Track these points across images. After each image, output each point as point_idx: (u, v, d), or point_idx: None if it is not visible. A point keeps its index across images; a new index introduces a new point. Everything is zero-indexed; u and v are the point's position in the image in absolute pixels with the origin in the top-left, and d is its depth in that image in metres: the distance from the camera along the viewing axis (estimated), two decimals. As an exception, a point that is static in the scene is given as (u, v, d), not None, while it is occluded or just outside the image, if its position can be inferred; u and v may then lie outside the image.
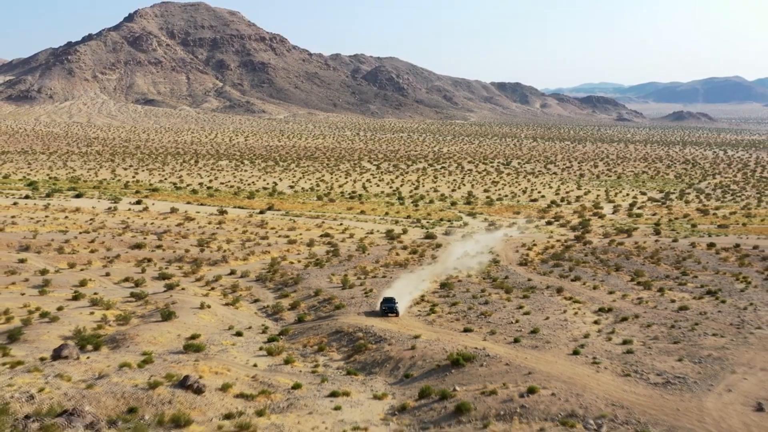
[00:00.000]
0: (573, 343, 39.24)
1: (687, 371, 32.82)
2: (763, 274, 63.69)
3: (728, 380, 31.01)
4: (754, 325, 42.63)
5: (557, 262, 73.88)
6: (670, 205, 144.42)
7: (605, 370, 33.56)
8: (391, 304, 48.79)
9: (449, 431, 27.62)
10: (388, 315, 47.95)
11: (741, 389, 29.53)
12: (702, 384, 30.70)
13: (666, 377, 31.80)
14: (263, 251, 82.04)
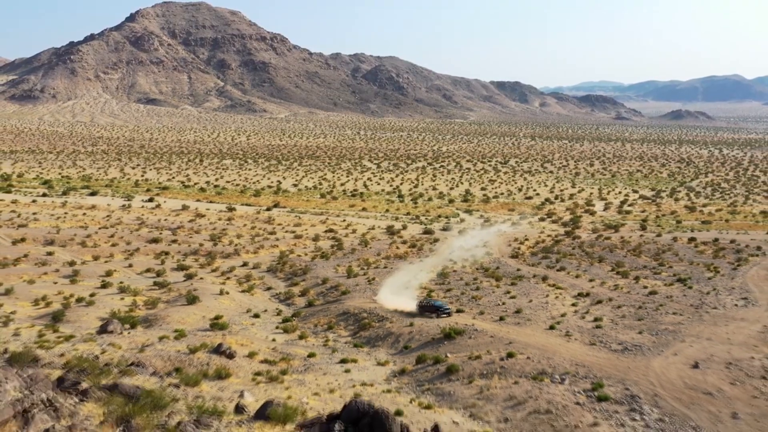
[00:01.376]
0: (551, 320, 45.00)
1: (644, 341, 38.57)
2: (733, 265, 69.42)
3: (677, 347, 36.75)
4: (711, 305, 48.37)
5: (546, 254, 79.57)
6: (659, 202, 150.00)
7: (575, 340, 39.32)
8: (443, 305, 48.69)
9: (441, 387, 33.38)
10: (441, 316, 47.03)
11: (685, 353, 35.27)
12: (654, 350, 36.45)
13: (625, 345, 37.55)
14: (272, 245, 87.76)
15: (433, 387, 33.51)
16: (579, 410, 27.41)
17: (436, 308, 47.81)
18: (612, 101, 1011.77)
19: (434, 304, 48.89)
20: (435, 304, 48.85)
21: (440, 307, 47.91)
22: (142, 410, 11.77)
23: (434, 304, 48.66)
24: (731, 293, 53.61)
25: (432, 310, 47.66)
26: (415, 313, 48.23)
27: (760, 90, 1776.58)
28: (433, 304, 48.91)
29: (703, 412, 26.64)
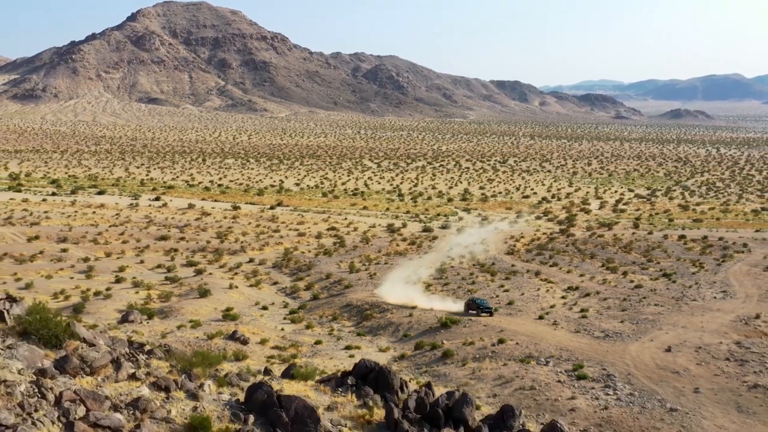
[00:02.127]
0: (540, 311, 48.31)
1: (625, 329, 41.88)
2: (718, 261, 72.71)
3: (654, 334, 40.03)
4: (691, 298, 51.66)
5: (540, 251, 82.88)
6: (654, 201, 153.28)
7: (561, 329, 42.63)
8: (487, 305, 49.02)
9: (437, 369, 36.69)
10: (481, 315, 47.39)
11: (660, 339, 38.54)
12: (633, 337, 39.74)
13: (607, 333, 40.86)
14: (276, 242, 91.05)
15: (430, 369, 36.80)
16: (560, 387, 30.68)
17: (477, 306, 48.57)
18: (612, 100, 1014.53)
19: (476, 301, 49.50)
20: (477, 301, 49.49)
21: (480, 305, 48.44)
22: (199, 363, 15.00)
23: (476, 302, 49.27)
24: (712, 287, 56.88)
25: (474, 308, 48.44)
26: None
27: (759, 89, 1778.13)
28: (476, 301, 49.53)
29: (669, 387, 29.86)
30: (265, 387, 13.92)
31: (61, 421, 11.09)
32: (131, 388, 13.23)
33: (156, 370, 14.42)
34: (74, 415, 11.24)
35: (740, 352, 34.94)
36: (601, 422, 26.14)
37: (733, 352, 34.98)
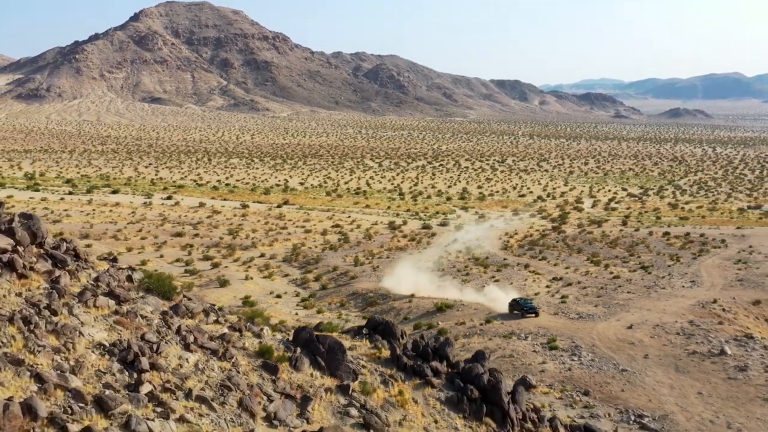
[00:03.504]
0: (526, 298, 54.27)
1: (597, 312, 47.95)
2: (695, 255, 78.71)
3: (621, 315, 46.08)
4: (661, 286, 57.72)
5: (531, 246, 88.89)
6: (645, 200, 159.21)
7: (542, 312, 48.66)
8: (531, 304, 48.64)
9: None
10: (526, 316, 46.99)
11: (626, 319, 44.59)
12: (602, 317, 45.80)
13: (581, 314, 46.92)
14: (285, 239, 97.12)
15: (426, 345, 42.82)
16: (534, 355, 36.72)
17: (521, 306, 47.98)
18: (611, 99, 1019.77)
19: (519, 302, 48.93)
20: (520, 302, 48.92)
21: (524, 306, 47.91)
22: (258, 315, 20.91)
23: (519, 302, 48.79)
24: (683, 277, 62.89)
25: (518, 308, 47.97)
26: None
27: (759, 88, 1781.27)
28: (519, 302, 48.94)
29: (624, 355, 35.84)
30: (307, 329, 19.97)
31: (181, 343, 17.19)
32: (217, 328, 19.32)
33: (230, 319, 20.53)
34: (188, 340, 17.35)
35: (690, 329, 40.90)
36: (564, 379, 32.15)
37: (684, 329, 40.94)
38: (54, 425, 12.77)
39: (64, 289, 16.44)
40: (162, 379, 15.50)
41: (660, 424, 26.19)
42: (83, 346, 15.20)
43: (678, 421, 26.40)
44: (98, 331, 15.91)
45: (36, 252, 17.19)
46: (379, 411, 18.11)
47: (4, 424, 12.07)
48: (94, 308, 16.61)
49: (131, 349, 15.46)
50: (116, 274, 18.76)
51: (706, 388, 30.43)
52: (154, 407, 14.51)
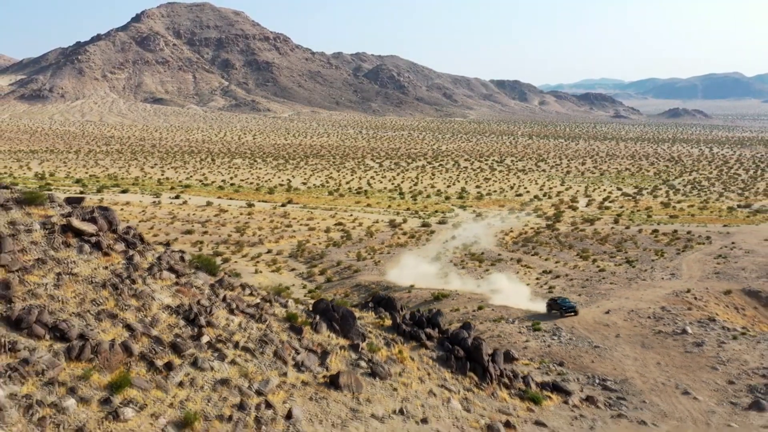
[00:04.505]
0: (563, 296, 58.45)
1: (580, 300, 52.43)
2: (679, 251, 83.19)
3: (600, 303, 50.58)
4: (642, 278, 62.22)
5: (525, 243, 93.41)
6: (639, 199, 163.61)
7: (530, 300, 53.18)
8: (570, 303, 48.09)
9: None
10: (565, 315, 46.40)
11: (604, 306, 49.08)
12: (584, 305, 50.27)
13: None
14: (290, 236, 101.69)
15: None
16: (519, 335, 41.25)
17: (559, 306, 47.56)
18: (611, 99, 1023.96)
19: (558, 301, 48.52)
20: (558, 301, 48.51)
21: (562, 305, 47.44)
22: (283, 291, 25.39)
23: (557, 302, 48.34)
24: (664, 270, 67.38)
25: (557, 308, 47.57)
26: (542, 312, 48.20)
27: (759, 88, 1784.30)
28: (557, 301, 48.55)
29: (598, 334, 40.33)
30: (324, 300, 24.57)
31: (226, 308, 21.76)
32: (252, 299, 23.89)
33: (261, 293, 25.12)
34: (232, 306, 21.93)
35: (660, 313, 45.33)
36: (543, 354, 36.67)
37: (656, 313, 45.38)
38: (144, 360, 17.37)
39: (137, 265, 21.05)
40: (215, 333, 20.11)
41: (620, 386, 30.57)
42: (156, 307, 19.81)
43: (635, 383, 30.80)
44: (165, 297, 20.53)
45: (112, 236, 21.77)
46: (383, 364, 22.69)
47: (110, 357, 16.69)
48: (160, 280, 21.23)
49: (192, 310, 20.07)
50: (172, 254, 23.33)
51: (664, 360, 34.85)
52: (212, 353, 19.11)
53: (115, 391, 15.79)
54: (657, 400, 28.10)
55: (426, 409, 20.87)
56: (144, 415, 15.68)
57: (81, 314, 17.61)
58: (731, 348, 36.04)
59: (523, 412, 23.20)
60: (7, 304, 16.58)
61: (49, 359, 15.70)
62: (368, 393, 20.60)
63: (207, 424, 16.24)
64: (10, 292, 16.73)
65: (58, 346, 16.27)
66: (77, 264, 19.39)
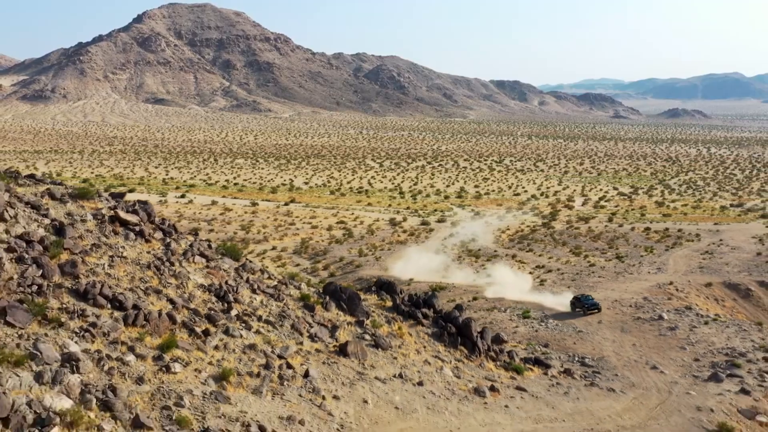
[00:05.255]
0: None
1: (568, 291, 55.87)
2: (668, 247, 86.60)
3: (588, 294, 53.96)
4: (629, 272, 65.66)
5: (521, 240, 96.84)
6: (634, 198, 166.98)
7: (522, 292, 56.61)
8: (592, 300, 48.11)
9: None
10: (588, 313, 46.71)
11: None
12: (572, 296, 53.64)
13: (554, 293, 54.87)
14: (294, 234, 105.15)
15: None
16: (510, 322, 44.70)
17: (582, 303, 47.89)
18: (610, 100, 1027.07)
19: (581, 299, 48.69)
20: (581, 299, 48.68)
21: (585, 303, 47.61)
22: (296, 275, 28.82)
23: (581, 299, 48.56)
24: (651, 265, 70.79)
25: (580, 306, 47.92)
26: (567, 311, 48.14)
27: (759, 88, 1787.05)
28: (580, 299, 48.74)
29: (582, 321, 43.73)
30: (333, 283, 28.02)
31: (250, 288, 25.23)
32: (270, 282, 27.37)
33: (277, 277, 28.60)
34: (254, 287, 25.40)
35: (642, 303, 48.76)
36: (531, 337, 40.12)
37: (637, 303, 48.79)
38: (185, 327, 20.87)
39: (174, 251, 24.54)
40: (242, 308, 23.60)
41: (596, 362, 33.90)
42: (191, 285, 23.30)
43: (611, 360, 34.14)
44: (198, 277, 24.04)
45: (151, 226, 25.24)
46: (385, 338, 26.18)
47: (159, 324, 20.15)
48: (193, 263, 24.72)
49: (221, 289, 23.56)
50: (201, 242, 26.82)
51: (639, 342, 38.23)
52: (240, 324, 22.61)
53: (165, 351, 19.23)
54: (628, 374, 31.48)
55: (422, 375, 24.28)
56: (189, 369, 19.13)
57: (133, 289, 21.07)
58: (701, 331, 39.48)
59: (506, 380, 26.58)
60: (74, 279, 20.00)
61: (111, 324, 19.15)
62: (372, 360, 24.00)
63: (240, 378, 19.68)
64: (77, 270, 20.15)
65: (117, 314, 19.73)
66: (125, 249, 22.85)
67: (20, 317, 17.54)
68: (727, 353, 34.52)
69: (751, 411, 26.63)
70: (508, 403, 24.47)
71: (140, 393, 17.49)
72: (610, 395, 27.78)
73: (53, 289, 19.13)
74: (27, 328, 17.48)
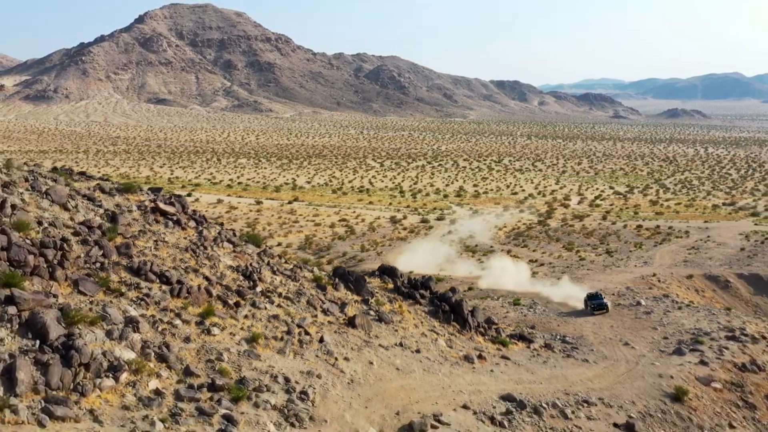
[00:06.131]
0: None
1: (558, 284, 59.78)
2: (657, 243, 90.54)
3: (576, 285, 57.93)
4: (616, 266, 69.60)
5: (516, 237, 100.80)
6: (629, 197, 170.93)
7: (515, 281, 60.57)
8: (600, 300, 47.56)
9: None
10: (595, 312, 46.28)
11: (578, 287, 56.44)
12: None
13: (544, 284, 58.84)
14: (298, 231, 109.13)
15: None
16: (501, 309, 48.62)
17: (590, 302, 47.51)
18: (610, 100, 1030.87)
19: (590, 296, 48.54)
20: (590, 296, 48.59)
21: (593, 303, 47.04)
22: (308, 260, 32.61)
23: (590, 297, 48.36)
24: (638, 259, 74.71)
25: (588, 305, 47.54)
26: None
27: (759, 88, 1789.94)
28: (590, 297, 48.45)
29: (567, 307, 47.67)
30: (342, 267, 31.98)
31: (270, 270, 29.18)
32: (287, 266, 31.34)
33: (292, 261, 32.56)
34: (274, 269, 29.37)
35: (624, 292, 52.69)
36: (519, 321, 44.06)
37: (620, 292, 52.72)
38: (220, 300, 24.84)
39: (206, 237, 28.52)
40: (265, 286, 27.57)
41: (575, 340, 37.75)
42: (222, 266, 27.29)
43: (588, 338, 38.02)
44: (227, 260, 28.03)
45: (186, 216, 29.21)
46: (387, 314, 30.15)
47: (198, 296, 24.06)
48: (222, 248, 28.71)
49: (247, 270, 27.54)
50: (227, 231, 30.79)
51: (616, 323, 42.10)
52: (264, 298, 26.57)
53: (205, 318, 23.16)
54: (602, 349, 35.31)
55: (419, 344, 28.15)
56: (225, 333, 23.07)
57: (175, 267, 25.01)
58: (674, 315, 43.35)
59: (493, 350, 30.41)
60: (128, 258, 23.91)
61: (161, 295, 23.09)
62: (376, 331, 27.92)
63: (267, 341, 23.61)
64: (130, 250, 24.06)
65: (165, 287, 23.67)
66: (166, 234, 26.79)
67: (89, 287, 21.47)
68: (693, 333, 38.33)
69: (707, 378, 30.44)
70: (493, 368, 28.36)
71: (188, 349, 21.43)
72: (584, 365, 31.65)
73: (113, 266, 23.05)
74: (95, 296, 21.41)
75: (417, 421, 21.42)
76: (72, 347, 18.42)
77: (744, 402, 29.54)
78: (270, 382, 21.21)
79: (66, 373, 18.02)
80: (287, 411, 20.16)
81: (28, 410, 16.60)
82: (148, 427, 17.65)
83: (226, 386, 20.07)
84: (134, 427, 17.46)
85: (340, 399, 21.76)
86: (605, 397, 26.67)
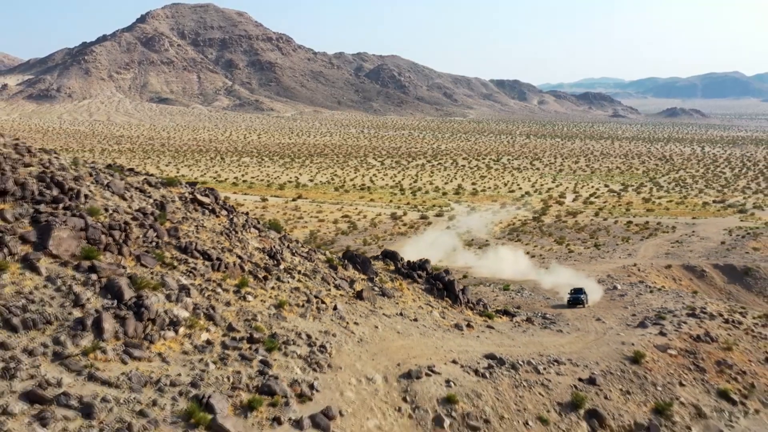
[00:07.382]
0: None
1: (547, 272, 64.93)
2: (643, 237, 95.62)
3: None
4: (602, 257, 74.74)
5: (511, 232, 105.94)
6: (623, 195, 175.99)
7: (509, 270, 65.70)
8: (578, 295, 48.61)
9: (424, 292, 59.80)
10: (576, 306, 47.57)
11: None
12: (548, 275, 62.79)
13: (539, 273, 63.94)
14: (302, 226, 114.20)
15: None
16: (492, 293, 53.72)
17: (570, 297, 48.52)
18: (609, 99, 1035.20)
19: (572, 291, 49.51)
20: (571, 291, 49.57)
21: (570, 298, 48.38)
22: (320, 245, 37.66)
23: (571, 292, 49.33)
24: (623, 252, 79.84)
25: (577, 301, 48.05)
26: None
27: (758, 87, 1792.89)
28: (572, 291, 49.42)
29: (552, 292, 52.78)
30: (350, 251, 37.10)
31: (290, 252, 34.34)
32: (303, 249, 36.48)
33: (307, 246, 37.71)
34: (294, 251, 34.52)
35: (604, 279, 57.77)
36: (507, 303, 49.19)
37: (602, 279, 57.79)
38: (251, 274, 29.97)
39: (236, 224, 33.66)
40: (286, 265, 32.69)
41: (555, 316, 42.86)
42: (251, 248, 32.41)
43: (566, 315, 43.09)
44: (255, 242, 33.16)
45: (218, 205, 34.33)
46: (389, 290, 35.27)
47: (234, 270, 29.24)
48: (249, 233, 33.84)
49: (272, 251, 32.67)
50: (252, 219, 35.91)
51: (593, 304, 47.28)
52: (286, 274, 31.71)
53: (240, 288, 28.25)
54: (577, 323, 40.37)
55: (416, 314, 33.22)
56: (257, 300, 28.16)
57: (213, 247, 30.12)
58: (645, 297, 48.39)
59: (480, 322, 35.45)
60: (177, 240, 29.00)
61: (204, 269, 28.20)
62: (380, 303, 33.02)
63: (291, 307, 28.71)
64: (177, 233, 29.14)
65: (207, 263, 28.79)
66: (203, 221, 31.89)
67: (149, 261, 26.57)
68: (658, 312, 43.31)
69: (664, 346, 35.39)
70: (479, 335, 33.37)
71: (229, 311, 26.53)
72: (558, 334, 36.71)
73: (165, 245, 28.14)
74: (154, 268, 26.52)
75: (414, 370, 26.50)
76: (142, 305, 23.52)
77: (696, 366, 34.52)
78: (295, 337, 26.29)
79: (138, 325, 23.11)
80: (310, 359, 25.24)
81: (113, 351, 21.69)
82: (204, 366, 22.75)
83: (261, 339, 25.14)
84: (193, 366, 22.55)
85: (351, 353, 26.84)
86: (573, 358, 31.67)
